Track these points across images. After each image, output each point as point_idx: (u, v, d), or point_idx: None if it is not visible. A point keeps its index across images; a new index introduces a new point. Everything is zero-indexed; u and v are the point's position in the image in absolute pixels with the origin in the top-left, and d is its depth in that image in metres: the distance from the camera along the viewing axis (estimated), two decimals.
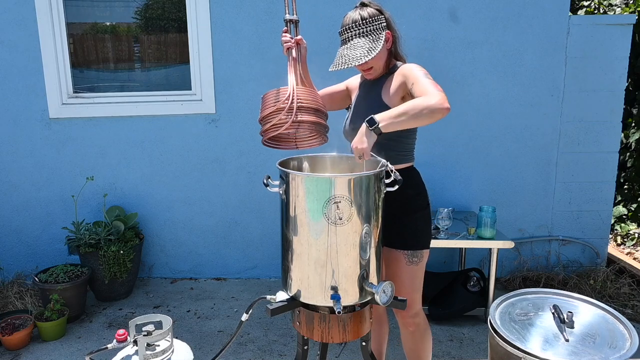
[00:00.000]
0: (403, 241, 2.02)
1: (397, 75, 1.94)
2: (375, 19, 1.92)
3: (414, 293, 2.06)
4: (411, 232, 2.02)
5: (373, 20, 1.91)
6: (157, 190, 3.83)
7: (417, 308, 2.10)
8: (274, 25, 3.60)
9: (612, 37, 3.59)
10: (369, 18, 1.91)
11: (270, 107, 1.82)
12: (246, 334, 3.13)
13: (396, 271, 2.04)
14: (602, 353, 1.64)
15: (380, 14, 1.94)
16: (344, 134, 2.16)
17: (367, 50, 1.88)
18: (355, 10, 1.95)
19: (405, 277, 2.04)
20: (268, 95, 1.86)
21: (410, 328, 2.12)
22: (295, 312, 1.79)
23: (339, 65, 1.90)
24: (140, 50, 3.79)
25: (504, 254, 3.88)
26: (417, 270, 2.05)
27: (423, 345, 2.16)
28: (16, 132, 3.68)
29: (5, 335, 2.91)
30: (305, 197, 1.62)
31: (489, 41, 3.62)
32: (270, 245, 3.94)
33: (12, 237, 3.82)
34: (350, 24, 1.92)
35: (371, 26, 1.91)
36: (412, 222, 2.02)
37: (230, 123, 3.74)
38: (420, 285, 2.08)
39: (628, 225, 4.58)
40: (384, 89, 1.98)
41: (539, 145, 3.75)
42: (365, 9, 1.93)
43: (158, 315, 1.86)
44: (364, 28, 1.91)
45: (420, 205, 2.05)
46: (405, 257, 2.02)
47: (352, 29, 1.92)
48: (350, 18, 1.93)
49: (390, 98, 1.94)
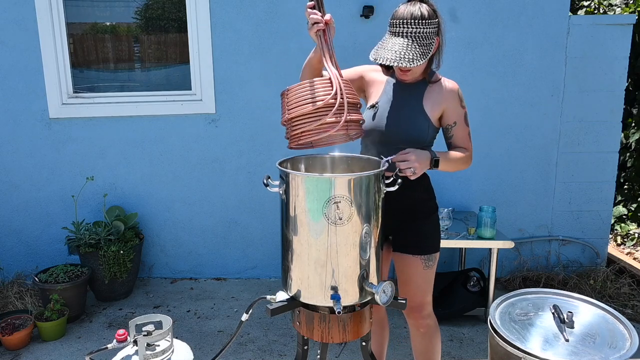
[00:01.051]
0: (419, 246, 2.04)
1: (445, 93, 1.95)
2: (433, 22, 1.81)
3: (428, 296, 2.09)
4: (426, 236, 2.05)
5: (431, 22, 1.80)
6: (157, 190, 3.83)
7: (429, 309, 2.12)
8: (274, 25, 3.60)
9: (612, 37, 3.59)
10: (428, 19, 1.79)
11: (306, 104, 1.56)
12: (246, 334, 3.13)
13: (413, 276, 2.05)
14: (602, 353, 1.64)
15: (435, 17, 1.84)
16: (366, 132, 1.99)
17: (420, 55, 1.77)
18: (413, 4, 1.81)
19: (422, 281, 2.06)
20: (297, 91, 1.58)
21: (422, 329, 2.13)
22: (295, 312, 1.79)
23: (386, 61, 1.77)
24: (140, 50, 3.79)
25: (504, 254, 3.88)
26: (431, 273, 2.07)
27: (433, 346, 2.16)
28: (16, 132, 3.68)
29: (5, 335, 2.91)
30: (305, 197, 1.62)
31: (489, 41, 3.62)
32: (270, 245, 3.94)
33: (12, 237, 3.82)
34: (410, 19, 1.78)
35: (428, 28, 1.80)
36: (426, 226, 2.05)
37: (230, 123, 3.74)
38: (432, 287, 2.11)
39: (628, 225, 4.58)
40: (426, 99, 1.97)
41: (539, 145, 3.75)
42: (424, 6, 1.81)
43: (158, 315, 1.86)
44: (422, 28, 1.79)
45: (432, 208, 2.08)
46: (422, 262, 2.04)
47: (410, 25, 1.78)
48: (409, 12, 1.79)
49: (431, 111, 1.96)
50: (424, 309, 2.09)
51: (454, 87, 1.99)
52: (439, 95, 1.96)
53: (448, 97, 1.96)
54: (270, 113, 3.71)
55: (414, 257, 2.03)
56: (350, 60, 3.67)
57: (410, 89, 2.00)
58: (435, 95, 1.96)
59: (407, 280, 2.07)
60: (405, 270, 2.06)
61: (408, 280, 2.06)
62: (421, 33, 1.80)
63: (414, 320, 2.13)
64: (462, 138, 2.01)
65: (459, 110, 1.98)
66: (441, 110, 1.97)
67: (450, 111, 1.97)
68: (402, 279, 2.08)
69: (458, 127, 1.99)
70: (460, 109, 1.99)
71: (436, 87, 1.98)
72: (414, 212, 2.03)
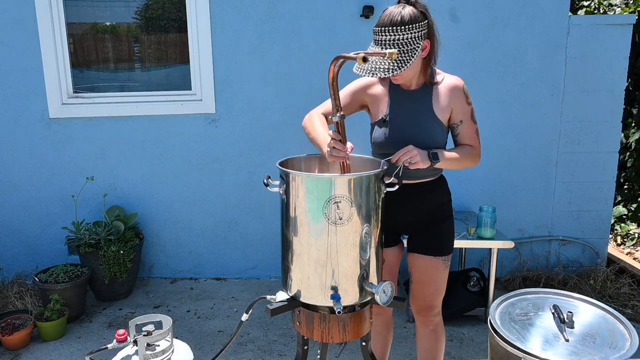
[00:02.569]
0: (441, 247, 2.06)
1: (450, 92, 1.93)
2: (416, 26, 1.74)
3: (441, 296, 2.13)
4: (447, 238, 2.08)
5: (413, 27, 1.73)
6: (157, 190, 3.83)
7: (439, 309, 2.16)
8: (274, 26, 3.60)
9: (612, 37, 3.59)
10: (409, 24, 1.73)
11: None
12: (246, 334, 3.13)
13: (434, 277, 2.07)
14: (602, 353, 1.64)
15: (423, 19, 1.77)
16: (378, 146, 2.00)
17: (398, 64, 1.73)
18: (397, 7, 1.76)
19: (440, 281, 2.08)
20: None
21: (430, 327, 2.15)
22: (295, 312, 1.79)
23: (365, 72, 1.74)
24: (140, 50, 3.79)
25: (504, 254, 3.88)
26: (447, 273, 2.11)
27: (439, 344, 2.19)
28: (16, 132, 3.68)
29: (5, 335, 2.91)
30: (306, 197, 1.62)
31: (489, 41, 3.62)
32: (270, 245, 3.94)
33: (12, 237, 3.82)
34: (389, 26, 1.73)
35: (409, 33, 1.73)
36: (445, 228, 2.08)
37: (230, 123, 3.74)
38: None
39: (628, 225, 4.58)
40: (435, 102, 1.94)
41: (539, 145, 3.75)
42: (407, 8, 1.74)
43: (158, 315, 1.86)
44: (401, 35, 1.73)
45: (451, 211, 2.11)
46: (443, 263, 2.06)
47: (389, 33, 1.74)
48: (389, 18, 1.74)
49: (442, 112, 1.94)
50: (435, 308, 2.13)
51: (459, 84, 1.95)
52: (445, 96, 1.93)
53: (454, 96, 1.94)
54: (270, 113, 3.71)
55: (435, 259, 2.05)
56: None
57: (417, 95, 1.95)
58: (443, 97, 1.93)
59: (427, 281, 2.08)
60: (426, 271, 2.07)
61: (428, 281, 2.07)
62: (402, 39, 1.74)
63: (424, 318, 2.15)
64: (468, 135, 1.98)
65: (465, 108, 1.95)
66: (449, 110, 1.95)
67: (456, 110, 1.95)
68: (421, 279, 2.09)
69: (464, 125, 1.97)
70: (466, 106, 1.96)
71: (441, 88, 1.94)
72: (434, 215, 2.06)
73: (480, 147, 2.01)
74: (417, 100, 1.95)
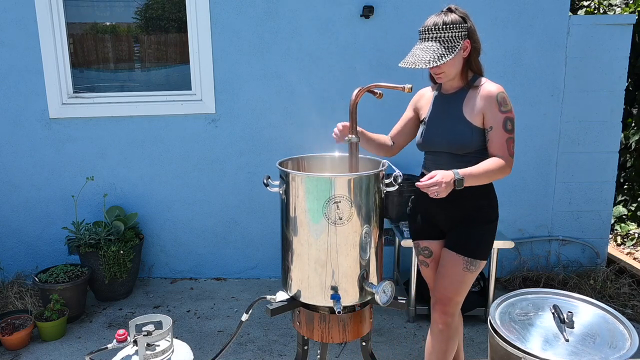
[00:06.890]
0: (466, 247, 2.05)
1: (482, 98, 1.97)
2: (456, 26, 1.93)
3: (458, 296, 2.09)
4: (476, 241, 2.06)
5: (453, 27, 1.93)
6: (157, 190, 3.83)
7: (455, 309, 2.12)
8: (274, 26, 3.60)
9: (612, 37, 3.59)
10: (450, 24, 1.92)
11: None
12: (246, 334, 3.13)
13: (449, 272, 2.07)
14: (602, 353, 1.64)
15: (463, 22, 1.96)
16: (418, 146, 2.19)
17: (438, 56, 1.90)
18: (439, 14, 1.97)
19: (457, 279, 2.07)
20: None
21: (440, 326, 2.13)
22: (295, 312, 1.79)
23: (408, 64, 1.93)
24: (140, 50, 3.79)
25: (504, 254, 3.88)
26: (470, 277, 2.08)
27: (443, 346, 2.14)
28: (16, 132, 3.68)
29: (5, 335, 2.91)
30: (305, 197, 1.62)
31: (489, 41, 3.60)
32: (270, 245, 3.94)
33: (12, 237, 3.82)
34: (431, 26, 1.94)
35: (450, 32, 1.92)
36: (479, 232, 2.06)
37: (230, 123, 3.74)
38: (467, 290, 2.11)
39: (628, 225, 4.58)
40: (465, 105, 2.01)
41: (539, 145, 3.75)
42: (449, 14, 1.95)
43: (158, 315, 1.86)
44: (442, 33, 1.92)
45: (490, 217, 2.09)
46: (463, 263, 2.05)
47: (430, 32, 1.94)
48: (431, 20, 1.95)
49: (472, 116, 1.99)
50: (449, 304, 2.09)
51: (492, 92, 1.97)
52: (477, 100, 1.99)
53: (485, 102, 1.97)
54: (270, 113, 3.71)
55: (457, 255, 2.05)
56: (350, 60, 3.70)
57: (451, 98, 2.07)
58: (474, 101, 1.99)
59: (443, 274, 2.09)
60: (445, 264, 2.09)
61: (444, 274, 2.09)
62: (443, 38, 1.92)
63: (436, 313, 2.13)
64: (497, 144, 1.97)
65: (497, 116, 1.96)
66: (481, 115, 1.98)
67: (488, 116, 1.97)
68: (440, 270, 2.12)
69: (494, 132, 1.97)
70: (499, 114, 1.95)
71: (476, 92, 2.00)
72: (471, 215, 2.06)
73: (510, 157, 1.98)
74: (450, 102, 2.06)
